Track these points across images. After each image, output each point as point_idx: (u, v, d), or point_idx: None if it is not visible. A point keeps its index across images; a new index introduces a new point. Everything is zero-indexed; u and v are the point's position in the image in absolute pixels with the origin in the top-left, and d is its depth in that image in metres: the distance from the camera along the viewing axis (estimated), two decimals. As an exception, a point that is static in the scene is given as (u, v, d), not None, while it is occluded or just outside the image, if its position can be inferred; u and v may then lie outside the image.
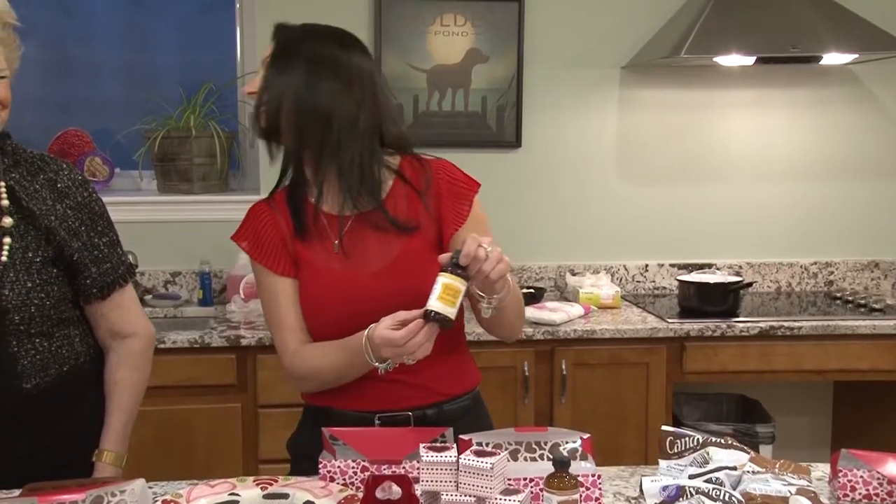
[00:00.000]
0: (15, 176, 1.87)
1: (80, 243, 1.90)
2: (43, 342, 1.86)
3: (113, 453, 1.96)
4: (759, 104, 3.89)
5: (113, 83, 3.94)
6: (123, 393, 1.99)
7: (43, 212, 1.86)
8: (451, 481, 1.55)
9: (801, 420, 3.99)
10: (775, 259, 3.97)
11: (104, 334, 1.99)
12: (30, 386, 1.84)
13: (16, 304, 1.80)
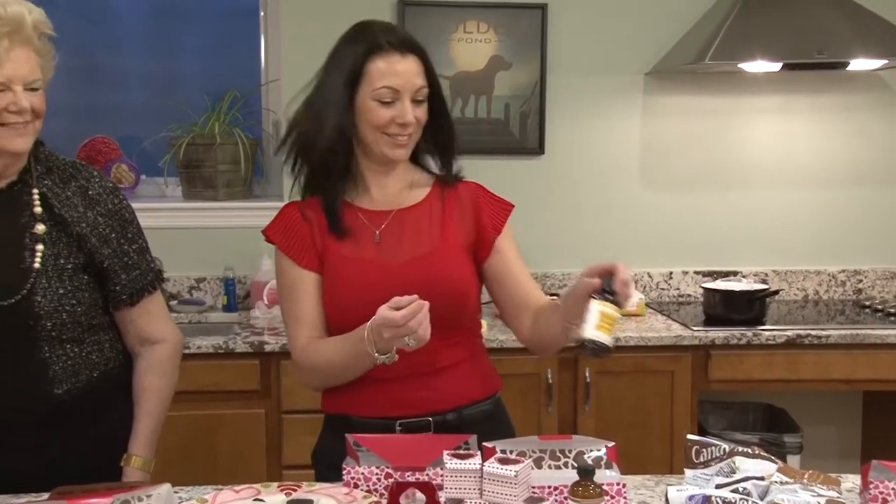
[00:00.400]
0: (48, 183, 1.89)
1: (110, 250, 1.92)
2: (74, 348, 1.89)
3: (141, 458, 1.98)
4: (785, 110, 3.87)
5: (139, 90, 3.98)
6: (151, 399, 2.01)
7: (75, 219, 1.89)
8: (475, 489, 1.55)
9: (829, 430, 3.95)
10: (802, 267, 3.94)
11: (133, 340, 2.02)
12: (61, 391, 1.86)
13: (48, 310, 1.83)
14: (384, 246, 1.94)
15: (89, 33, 3.84)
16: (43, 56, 1.83)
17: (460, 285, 1.94)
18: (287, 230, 1.99)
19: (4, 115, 1.76)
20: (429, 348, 1.84)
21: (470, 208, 1.99)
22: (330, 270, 1.95)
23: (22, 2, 1.79)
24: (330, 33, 3.79)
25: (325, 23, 3.64)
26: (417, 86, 1.89)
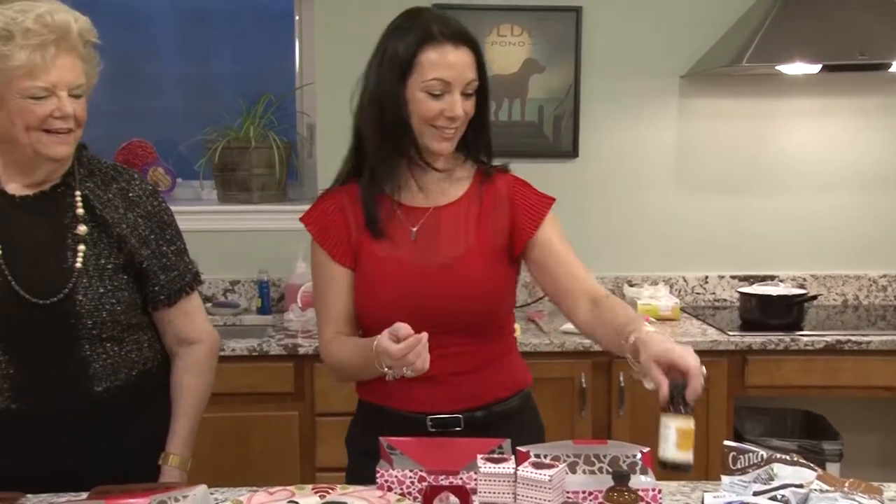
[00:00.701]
0: (90, 185, 1.94)
1: (149, 251, 1.96)
2: (114, 346, 1.92)
3: (178, 457, 2.01)
4: (824, 113, 3.83)
5: (175, 94, 4.01)
6: (189, 398, 2.05)
7: (115, 220, 1.92)
8: (509, 493, 1.54)
9: (870, 438, 3.89)
10: (841, 271, 3.89)
11: (171, 340, 2.05)
12: (101, 389, 1.90)
13: (89, 309, 1.86)
14: (419, 245, 1.94)
15: (126, 39, 3.88)
16: (87, 63, 1.87)
17: (493, 289, 1.94)
18: (323, 221, 2.01)
19: (49, 121, 1.80)
20: (460, 348, 1.90)
21: (506, 205, 1.97)
22: (363, 268, 1.96)
23: (68, 10, 1.82)
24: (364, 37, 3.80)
25: (359, 26, 3.66)
26: (468, 79, 1.87)
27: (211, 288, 3.72)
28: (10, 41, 1.74)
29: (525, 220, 1.96)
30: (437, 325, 1.84)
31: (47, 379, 1.86)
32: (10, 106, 1.79)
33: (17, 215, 1.89)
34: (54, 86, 1.79)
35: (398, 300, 1.90)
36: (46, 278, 1.86)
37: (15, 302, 1.84)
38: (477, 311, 1.90)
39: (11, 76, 1.76)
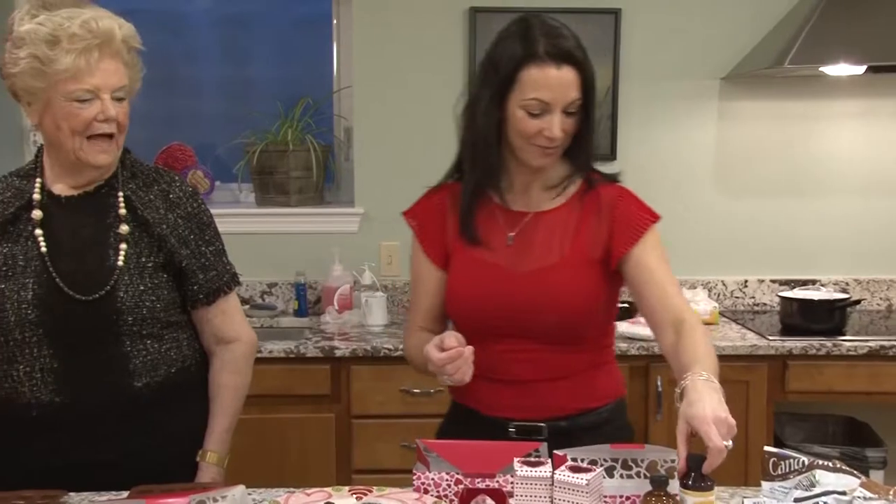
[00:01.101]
0: (132, 187, 1.98)
1: (188, 251, 1.99)
2: (153, 343, 1.95)
3: (216, 454, 2.04)
4: (869, 115, 3.78)
5: (214, 98, 4.05)
6: (226, 396, 2.08)
7: (156, 220, 1.97)
8: (546, 497, 1.54)
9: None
10: (886, 276, 3.85)
11: (209, 339, 2.08)
12: (140, 384, 1.93)
13: (129, 305, 1.90)
14: (514, 250, 1.92)
15: (168, 44, 3.93)
16: (130, 68, 1.91)
17: (582, 301, 1.90)
18: (425, 217, 2.04)
19: (94, 125, 1.84)
20: (546, 355, 1.89)
21: (606, 217, 1.92)
22: (456, 269, 1.97)
23: (113, 17, 1.87)
24: (401, 41, 3.84)
25: (396, 30, 3.70)
26: (570, 99, 1.82)
27: (248, 290, 3.74)
28: (56, 46, 1.79)
29: (623, 234, 1.90)
30: (523, 331, 1.88)
31: (89, 373, 1.90)
32: (55, 110, 1.84)
33: (63, 215, 1.94)
34: (98, 88, 1.83)
35: (486, 303, 1.90)
36: (89, 275, 1.90)
37: (59, 298, 1.88)
38: (563, 321, 1.88)
39: (57, 79, 1.81)
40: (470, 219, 1.95)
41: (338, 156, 3.94)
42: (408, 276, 3.81)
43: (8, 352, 1.90)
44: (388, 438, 3.16)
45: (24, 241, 1.92)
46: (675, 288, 1.91)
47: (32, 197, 1.94)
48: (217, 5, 4.01)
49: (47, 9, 1.83)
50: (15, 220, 1.93)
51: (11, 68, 1.84)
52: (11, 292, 1.88)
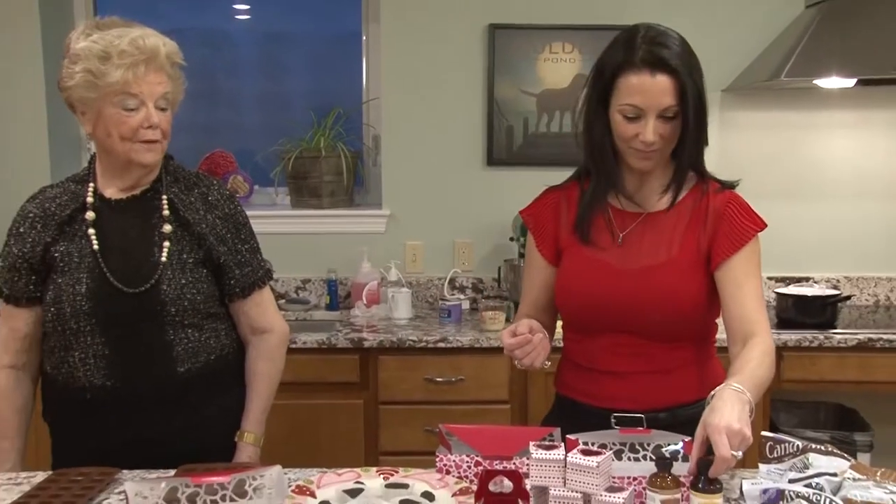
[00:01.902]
0: (174, 190, 2.02)
1: (225, 248, 2.02)
2: (194, 332, 1.98)
3: (253, 434, 2.07)
4: (860, 125, 3.75)
5: (253, 109, 4.06)
6: (262, 382, 2.10)
7: (196, 220, 2.00)
8: (559, 477, 1.54)
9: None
10: (873, 273, 3.82)
11: (245, 329, 2.10)
12: (183, 370, 1.96)
13: (172, 297, 1.93)
14: (624, 250, 1.89)
15: (211, 59, 3.94)
16: (174, 81, 1.95)
17: (685, 300, 1.85)
18: (539, 216, 2.01)
19: (140, 131, 1.89)
20: (651, 352, 1.86)
21: (714, 222, 1.87)
22: (567, 265, 1.94)
23: (158, 35, 1.92)
24: (425, 55, 3.85)
25: (420, 46, 3.70)
26: (665, 105, 1.76)
27: (284, 286, 3.76)
28: (107, 61, 1.84)
29: (724, 241, 1.85)
30: (627, 326, 1.86)
31: (136, 359, 1.93)
32: (106, 118, 1.89)
33: (112, 216, 1.98)
34: (143, 98, 1.88)
35: (594, 299, 1.87)
36: (136, 270, 1.94)
37: (109, 291, 1.92)
38: (667, 319, 1.84)
39: (108, 91, 1.86)
40: (586, 219, 1.92)
41: (366, 161, 3.94)
42: (430, 273, 3.86)
43: (65, 340, 1.94)
44: (412, 423, 3.16)
45: (79, 240, 1.96)
46: (756, 303, 1.84)
47: (86, 200, 1.98)
48: (256, 24, 4.02)
49: (100, 28, 1.89)
50: (71, 221, 1.97)
51: (68, 81, 1.89)
52: (67, 286, 1.92)
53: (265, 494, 1.43)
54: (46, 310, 1.95)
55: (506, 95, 3.68)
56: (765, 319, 1.84)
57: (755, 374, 1.70)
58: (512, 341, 1.77)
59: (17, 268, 1.97)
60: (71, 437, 2.00)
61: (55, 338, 1.96)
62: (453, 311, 3.43)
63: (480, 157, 3.74)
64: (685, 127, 1.81)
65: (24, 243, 1.96)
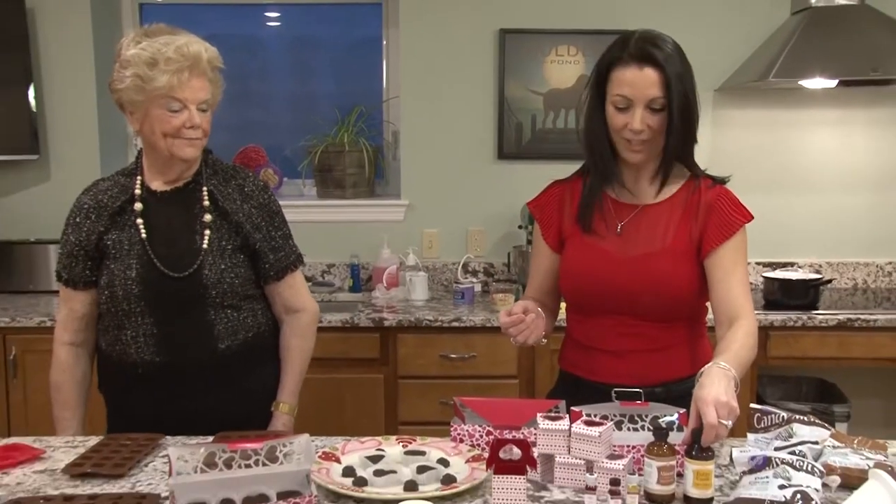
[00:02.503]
0: (214, 182, 2.03)
1: (261, 235, 2.03)
2: (233, 312, 1.99)
3: (287, 405, 2.08)
4: (842, 123, 3.73)
5: (283, 108, 4.06)
6: (295, 357, 2.12)
7: (234, 210, 2.01)
8: (564, 446, 1.55)
9: (875, 402, 3.81)
10: (853, 259, 3.80)
11: (279, 309, 2.11)
12: (223, 347, 1.97)
13: (213, 281, 1.95)
14: (622, 238, 1.88)
15: (245, 63, 3.94)
16: (214, 84, 1.97)
17: (677, 284, 1.84)
18: (544, 207, 2.01)
19: (183, 130, 1.91)
20: (644, 330, 1.86)
21: (704, 214, 1.86)
22: (570, 253, 1.94)
23: (201, 42, 1.93)
24: (440, 58, 3.84)
25: (436, 49, 3.69)
26: (651, 96, 1.77)
27: (311, 270, 3.76)
28: (155, 67, 1.86)
29: (714, 232, 1.85)
30: (625, 309, 1.86)
31: (181, 337, 1.95)
32: (152, 118, 1.90)
33: (158, 206, 2.00)
34: (186, 101, 1.89)
35: (594, 283, 1.87)
36: (180, 256, 1.95)
37: (157, 275, 1.94)
38: (661, 302, 1.84)
39: (155, 94, 1.87)
40: (588, 210, 1.92)
41: (386, 155, 3.94)
42: (445, 258, 3.86)
43: (118, 320, 1.96)
44: (428, 396, 3.17)
45: (129, 229, 1.97)
46: (742, 289, 1.84)
47: (134, 192, 2.00)
48: (286, 30, 4.01)
49: (149, 36, 1.90)
50: (121, 212, 1.98)
51: (119, 85, 1.91)
52: (119, 271, 1.94)
53: (294, 460, 1.44)
54: (101, 293, 1.97)
55: (515, 94, 3.67)
56: (749, 304, 1.84)
57: (739, 354, 1.70)
58: (506, 320, 1.79)
59: (74, 255, 1.99)
60: (124, 407, 2.03)
61: (109, 318, 1.98)
62: (466, 293, 3.43)
63: (491, 152, 3.73)
64: (670, 119, 1.80)
65: (80, 232, 1.98)
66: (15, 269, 3.55)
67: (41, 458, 1.73)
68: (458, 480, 1.53)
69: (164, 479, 1.61)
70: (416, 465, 1.59)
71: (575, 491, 1.53)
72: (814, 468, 1.48)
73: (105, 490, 1.57)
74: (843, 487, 1.52)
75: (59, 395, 2.05)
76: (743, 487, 1.48)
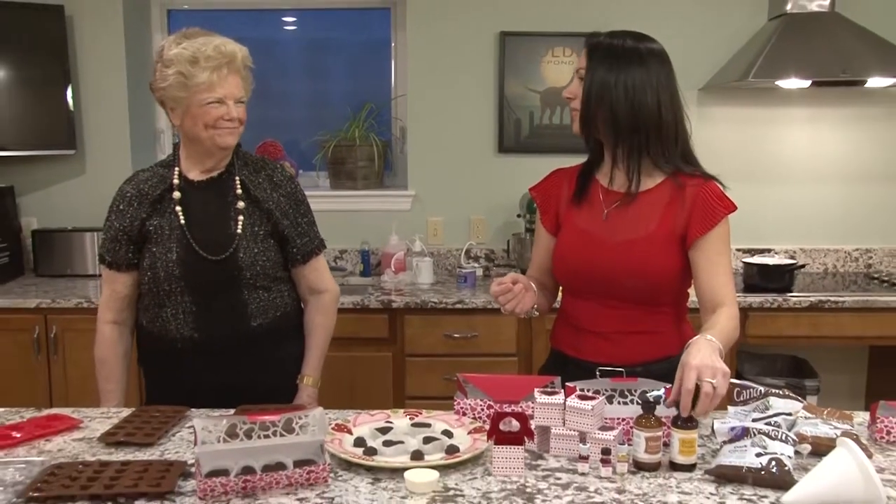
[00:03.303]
0: (245, 172, 2.04)
1: (288, 221, 2.04)
2: (264, 293, 2.00)
3: (311, 377, 2.11)
4: (814, 120, 3.71)
5: (298, 106, 4.04)
6: (319, 334, 2.14)
7: (264, 198, 2.02)
8: (559, 418, 1.54)
9: (842, 377, 3.81)
10: (824, 245, 3.79)
11: (304, 290, 2.13)
12: (255, 324, 1.99)
13: (247, 263, 1.96)
14: (609, 224, 1.86)
15: (263, 64, 3.91)
16: (246, 81, 1.99)
17: (659, 271, 1.81)
18: (545, 191, 2.00)
19: (220, 122, 1.92)
20: (628, 312, 1.84)
21: (689, 204, 1.81)
22: (563, 236, 1.93)
23: (234, 42, 1.95)
24: (445, 59, 3.83)
25: (441, 51, 3.67)
26: (579, 66, 1.85)
27: (325, 255, 3.74)
28: (196, 64, 1.87)
29: (698, 222, 1.80)
30: (610, 291, 1.84)
31: (218, 315, 1.96)
32: (194, 112, 1.91)
33: (197, 195, 2.00)
34: (225, 96, 1.91)
35: (582, 266, 1.85)
36: (216, 241, 1.96)
37: (196, 258, 1.95)
38: (644, 286, 1.81)
39: (196, 90, 1.88)
40: (580, 195, 1.91)
41: (394, 149, 3.93)
42: (449, 245, 3.86)
43: (159, 299, 1.97)
44: (433, 372, 3.17)
45: (168, 216, 1.98)
46: (725, 278, 1.81)
47: (173, 181, 2.00)
48: (302, 33, 3.99)
49: (187, 38, 1.91)
50: (161, 200, 1.99)
51: (161, 83, 1.91)
52: (161, 254, 1.95)
53: (309, 431, 1.44)
54: (143, 274, 1.98)
55: (514, 92, 3.65)
56: (732, 291, 1.81)
57: (724, 331, 1.69)
58: (497, 289, 1.79)
59: (118, 239, 2.00)
60: (162, 379, 2.05)
61: (150, 297, 1.99)
62: (469, 277, 3.42)
63: (492, 146, 3.72)
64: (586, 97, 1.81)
65: (124, 219, 1.99)
66: (54, 254, 3.56)
67: (79, 427, 1.74)
68: (462, 450, 1.53)
69: (189, 448, 1.61)
70: (422, 437, 1.59)
71: (569, 460, 1.53)
72: (787, 437, 1.49)
73: (136, 457, 1.57)
74: (814, 454, 1.53)
75: (103, 368, 2.06)
76: (723, 455, 1.48)
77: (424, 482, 1.39)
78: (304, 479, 1.41)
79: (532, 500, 1.37)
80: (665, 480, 1.45)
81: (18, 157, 3.58)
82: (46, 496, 1.36)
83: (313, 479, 1.41)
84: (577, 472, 1.47)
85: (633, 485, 1.43)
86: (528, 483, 1.43)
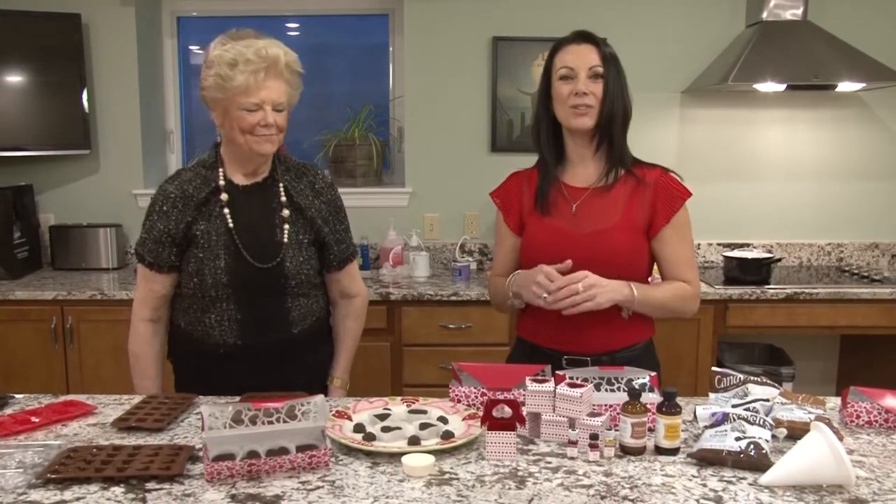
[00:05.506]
0: (287, 178, 1.95)
1: (328, 229, 1.97)
2: (304, 300, 1.94)
3: (341, 380, 2.06)
4: (789, 121, 3.71)
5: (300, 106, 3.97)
6: (350, 338, 2.08)
7: (307, 205, 1.93)
8: (550, 405, 1.54)
9: (815, 364, 3.82)
10: (799, 240, 3.79)
11: (335, 294, 2.06)
12: (297, 331, 1.93)
13: (293, 272, 1.88)
14: (577, 218, 1.86)
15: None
16: (291, 86, 1.86)
17: (628, 258, 1.82)
18: (506, 194, 1.99)
19: (257, 128, 1.81)
20: None
21: (651, 193, 1.84)
22: (530, 232, 1.91)
23: (281, 46, 1.83)
24: (440, 62, 3.81)
25: (436, 54, 3.66)
26: (592, 63, 1.80)
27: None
28: (234, 67, 1.77)
29: (662, 209, 1.83)
30: None
31: (261, 322, 1.89)
32: (231, 115, 1.81)
33: (242, 199, 1.90)
34: (262, 101, 1.79)
35: (549, 258, 1.82)
36: (264, 248, 1.88)
37: (243, 265, 1.86)
38: (612, 273, 1.79)
39: (234, 93, 1.78)
40: (544, 195, 1.90)
41: (392, 148, 3.91)
42: (445, 240, 3.84)
43: (203, 304, 1.88)
44: (430, 361, 3.17)
45: (215, 220, 1.87)
46: (687, 265, 1.84)
47: (219, 184, 1.89)
48: (304, 38, 3.97)
49: (234, 39, 1.81)
50: (207, 202, 1.88)
51: (204, 83, 1.82)
52: (208, 260, 1.86)
53: (311, 417, 1.43)
54: (189, 279, 1.88)
55: (506, 94, 3.63)
56: (695, 277, 1.85)
57: (655, 291, 1.78)
58: (559, 283, 1.73)
59: (161, 241, 1.88)
60: (197, 380, 1.92)
61: (193, 301, 1.89)
62: (463, 270, 3.41)
63: (485, 145, 3.70)
64: (607, 88, 1.80)
65: (168, 221, 1.87)
66: (70, 249, 3.55)
67: (93, 413, 1.73)
68: (456, 436, 1.52)
69: (197, 433, 1.60)
70: (418, 423, 1.58)
71: (559, 444, 1.53)
72: (765, 422, 1.48)
73: (147, 442, 1.56)
74: (790, 438, 1.53)
75: (138, 364, 1.96)
76: (705, 440, 1.47)
77: (421, 466, 1.38)
78: (306, 464, 1.40)
79: (524, 482, 1.36)
80: (650, 464, 1.45)
81: (37, 157, 3.57)
82: (63, 477, 1.36)
83: (315, 463, 1.40)
84: (567, 457, 1.47)
85: (619, 468, 1.43)
86: (520, 467, 1.43)
